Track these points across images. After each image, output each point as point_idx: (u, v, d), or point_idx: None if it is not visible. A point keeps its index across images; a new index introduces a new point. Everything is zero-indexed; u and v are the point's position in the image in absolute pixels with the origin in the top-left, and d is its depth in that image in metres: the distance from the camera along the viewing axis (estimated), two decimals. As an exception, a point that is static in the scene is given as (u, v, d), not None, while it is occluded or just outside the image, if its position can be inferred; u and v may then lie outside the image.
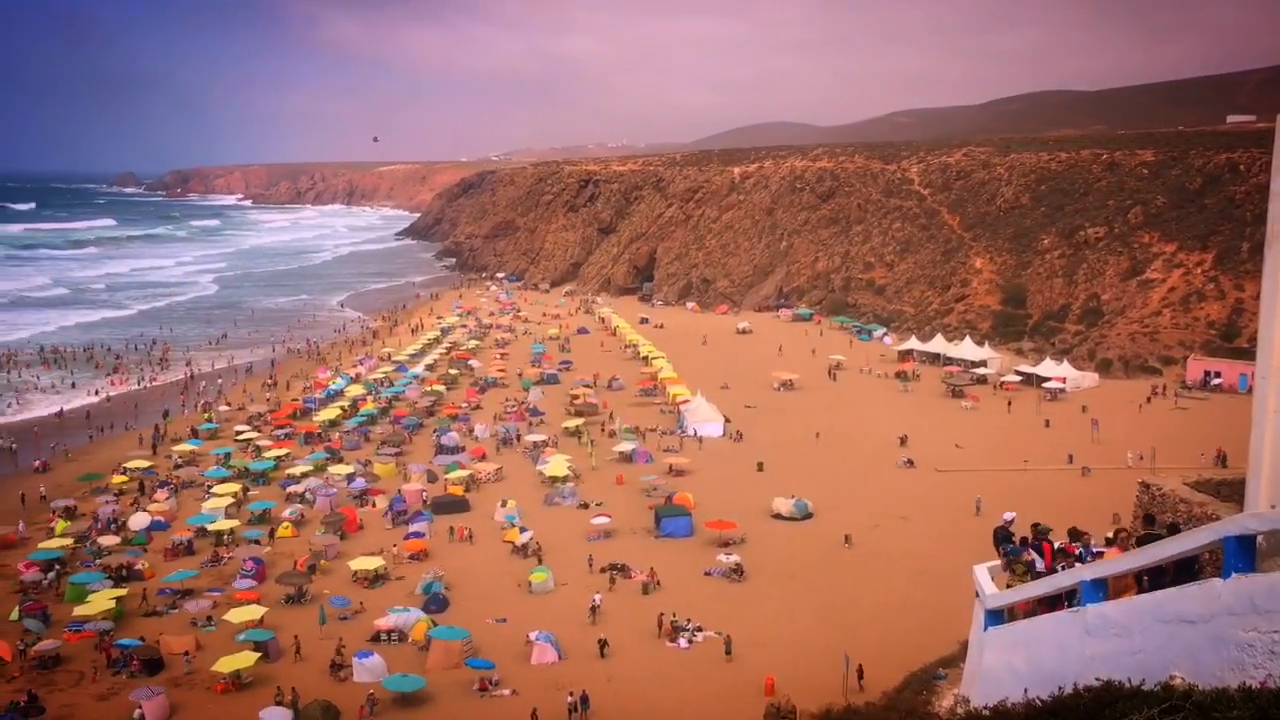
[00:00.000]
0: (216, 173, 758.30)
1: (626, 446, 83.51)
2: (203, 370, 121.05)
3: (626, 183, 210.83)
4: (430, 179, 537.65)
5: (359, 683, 46.62)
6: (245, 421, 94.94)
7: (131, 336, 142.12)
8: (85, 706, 45.57)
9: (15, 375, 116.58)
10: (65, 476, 79.77)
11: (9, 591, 58.00)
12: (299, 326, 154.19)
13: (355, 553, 62.01)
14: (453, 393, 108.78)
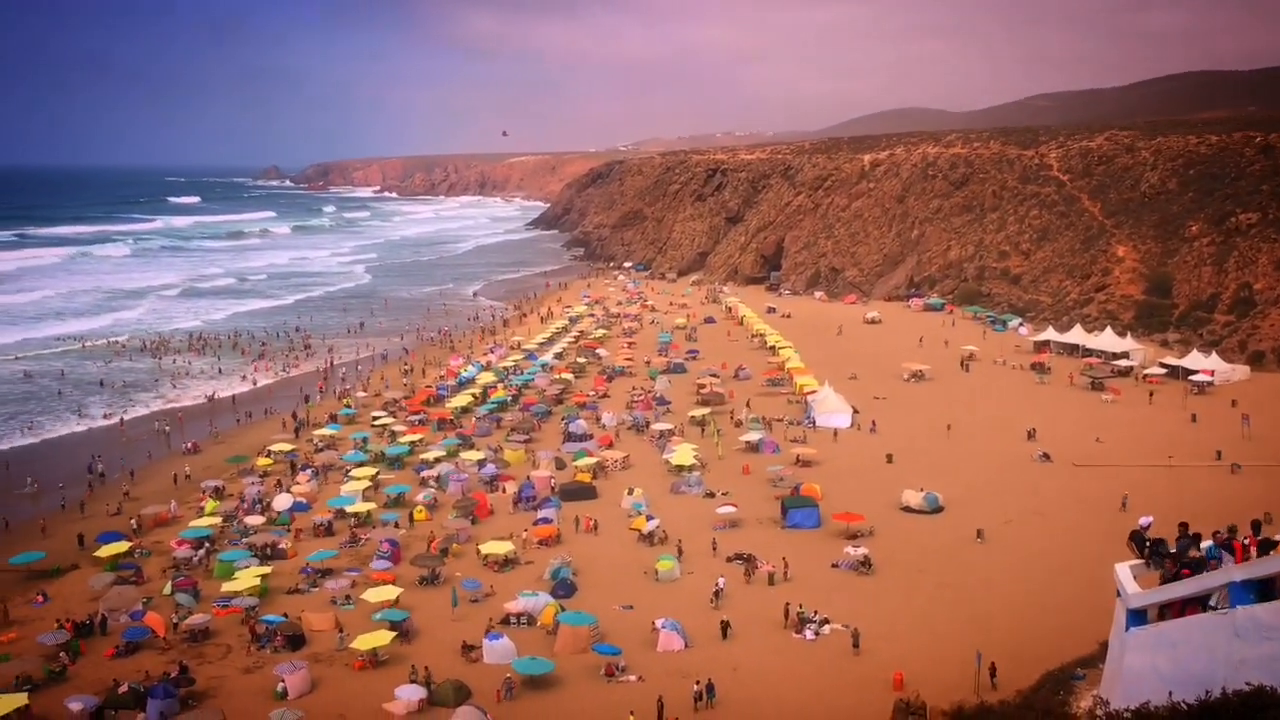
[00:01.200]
0: (355, 165, 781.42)
1: (753, 436, 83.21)
2: (342, 357, 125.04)
3: (754, 171, 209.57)
4: (559, 169, 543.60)
5: (489, 664, 47.66)
6: (381, 407, 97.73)
7: (275, 324, 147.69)
8: (232, 678, 47.67)
9: (168, 361, 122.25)
10: (215, 458, 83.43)
11: (163, 567, 61.02)
12: (434, 315, 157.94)
13: (486, 537, 63.33)
14: (581, 381, 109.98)
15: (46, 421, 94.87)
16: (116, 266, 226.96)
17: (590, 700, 44.47)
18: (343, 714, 43.75)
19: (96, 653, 50.39)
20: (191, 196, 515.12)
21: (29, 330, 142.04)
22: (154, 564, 61.53)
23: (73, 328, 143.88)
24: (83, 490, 75.65)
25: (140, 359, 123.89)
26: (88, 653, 50.35)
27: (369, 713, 43.74)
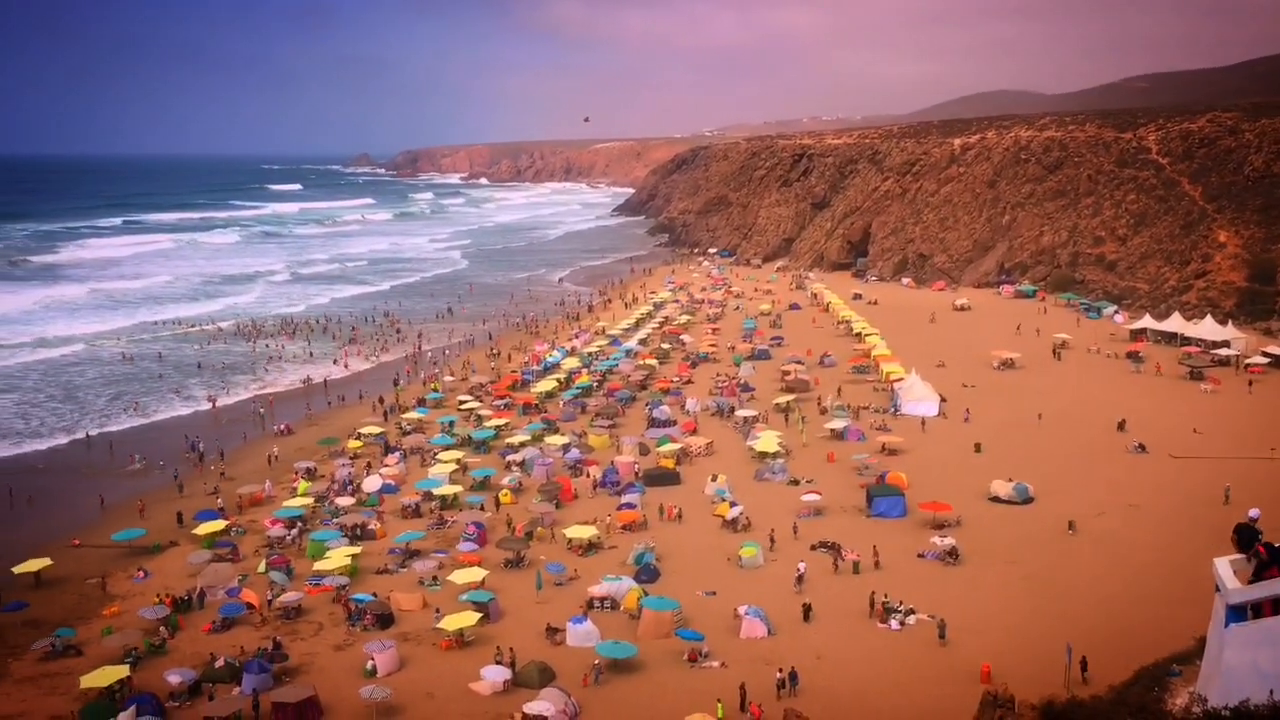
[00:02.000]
0: (443, 152, 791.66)
1: (838, 424, 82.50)
2: (431, 342, 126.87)
3: (841, 156, 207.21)
4: (645, 155, 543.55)
5: (573, 647, 48.08)
6: (468, 392, 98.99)
7: (371, 310, 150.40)
8: (324, 655, 48.80)
9: (262, 345, 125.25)
10: (307, 440, 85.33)
11: (258, 545, 62.65)
12: (520, 300, 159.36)
13: (570, 521, 63.81)
14: (665, 367, 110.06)
15: (151, 403, 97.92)
16: (224, 253, 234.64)
17: (673, 685, 44.59)
18: (430, 692, 44.52)
19: (194, 627, 51.98)
20: (293, 184, 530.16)
21: (140, 314, 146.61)
22: (249, 542, 63.22)
23: (183, 312, 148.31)
24: (182, 469, 77.97)
25: (235, 342, 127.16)
26: (186, 627, 51.95)
27: (455, 692, 44.45)
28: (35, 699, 45.38)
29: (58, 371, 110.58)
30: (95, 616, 53.31)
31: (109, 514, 68.70)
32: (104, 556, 61.29)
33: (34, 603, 54.49)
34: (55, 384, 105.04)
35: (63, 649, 49.36)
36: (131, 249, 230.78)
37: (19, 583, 57.10)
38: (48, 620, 52.74)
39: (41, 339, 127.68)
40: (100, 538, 63.76)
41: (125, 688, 44.98)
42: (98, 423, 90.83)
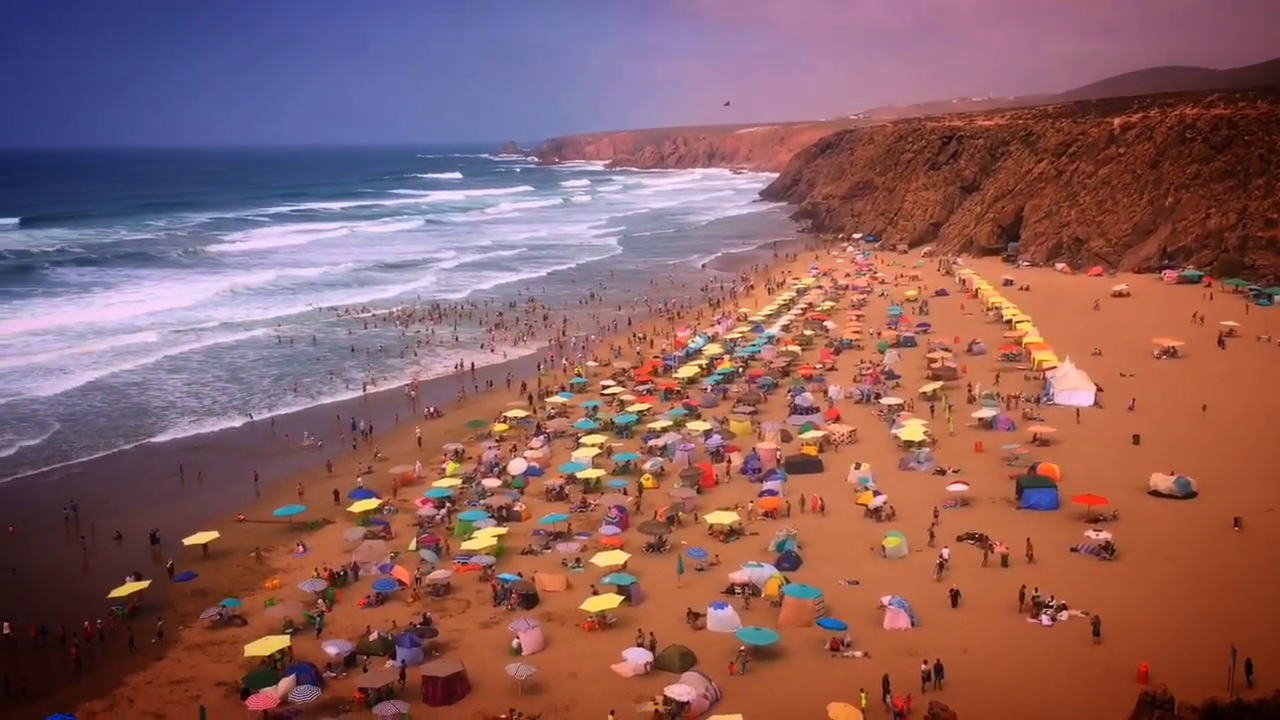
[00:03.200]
0: (587, 139, 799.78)
1: (987, 413, 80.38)
2: (575, 328, 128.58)
3: (992, 138, 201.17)
4: (788, 140, 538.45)
5: (713, 632, 48.21)
6: (611, 377, 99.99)
7: (523, 295, 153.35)
8: (471, 632, 50.12)
9: (411, 330, 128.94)
10: (455, 422, 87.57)
11: (408, 524, 64.66)
12: (663, 287, 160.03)
13: (711, 507, 63.90)
14: (808, 353, 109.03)
15: (312, 384, 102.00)
16: (391, 240, 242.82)
17: (815, 673, 44.30)
18: (573, 672, 45.27)
19: (350, 601, 54.02)
20: (452, 173, 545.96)
21: (309, 300, 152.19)
22: (401, 521, 65.30)
23: (352, 298, 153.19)
24: (336, 449, 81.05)
25: (386, 327, 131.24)
26: (342, 601, 54.03)
27: (597, 673, 45.11)
28: (204, 665, 47.92)
29: (230, 354, 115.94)
30: (258, 588, 55.92)
31: (267, 491, 71.82)
32: (266, 531, 64.21)
33: (202, 574, 57.52)
34: (221, 365, 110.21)
35: (228, 618, 51.97)
36: (303, 237, 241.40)
37: (189, 554, 60.30)
38: (215, 590, 55.60)
39: (227, 323, 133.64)
40: (262, 513, 66.81)
41: (286, 657, 47.08)
42: (266, 404, 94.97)
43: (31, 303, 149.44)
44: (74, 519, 66.10)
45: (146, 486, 73.44)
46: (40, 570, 58.84)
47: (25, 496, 71.50)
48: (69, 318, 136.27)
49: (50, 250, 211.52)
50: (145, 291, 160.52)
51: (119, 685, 46.23)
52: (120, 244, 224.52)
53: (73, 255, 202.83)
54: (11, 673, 46.78)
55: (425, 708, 42.67)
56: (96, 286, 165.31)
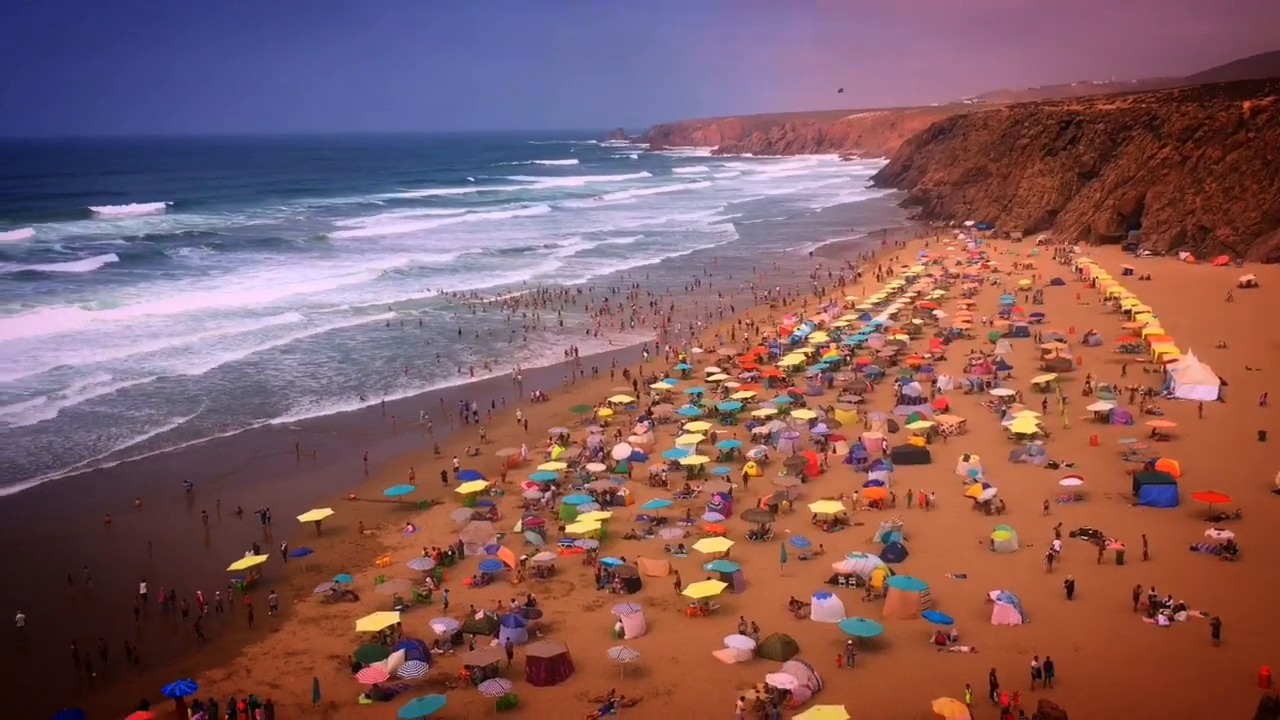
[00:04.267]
0: (694, 125, 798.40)
1: (1103, 406, 78.08)
2: (680, 314, 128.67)
3: (1113, 122, 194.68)
4: (899, 125, 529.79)
5: (816, 622, 47.89)
6: (715, 364, 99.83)
7: (634, 281, 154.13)
8: (574, 614, 50.65)
9: (518, 315, 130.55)
10: (561, 407, 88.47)
11: (514, 506, 65.59)
12: (769, 273, 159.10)
13: (815, 496, 63.42)
14: (916, 343, 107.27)
15: (424, 367, 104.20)
16: (512, 226, 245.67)
17: (919, 667, 43.67)
18: (675, 657, 45.44)
19: (457, 580, 55.05)
20: (569, 159, 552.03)
21: (431, 285, 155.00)
22: (507, 503, 66.25)
23: (472, 284, 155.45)
24: (444, 431, 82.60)
25: (495, 311, 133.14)
26: (449, 580, 55.10)
27: (699, 659, 45.19)
28: (318, 638, 49.38)
29: (347, 337, 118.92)
30: (369, 565, 57.37)
31: (377, 471, 73.50)
32: (377, 510, 65.79)
33: (316, 550, 59.20)
34: (337, 348, 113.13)
35: (341, 594, 53.43)
36: (419, 223, 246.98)
37: (304, 531, 62.17)
38: (328, 567, 57.21)
39: (346, 307, 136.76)
40: (373, 493, 68.46)
41: (395, 633, 48.24)
42: (380, 386, 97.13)
43: (168, 285, 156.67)
44: (191, 494, 68.77)
45: (266, 464, 75.90)
46: (165, 542, 61.18)
47: (154, 470, 74.43)
48: (209, 301, 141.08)
49: (195, 233, 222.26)
50: (269, 275, 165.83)
51: (237, 655, 47.95)
52: (249, 229, 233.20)
53: (212, 240, 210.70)
54: (137, 640, 48.88)
55: (529, 687, 43.30)
56: (229, 270, 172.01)
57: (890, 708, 40.71)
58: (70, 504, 68.03)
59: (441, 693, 42.49)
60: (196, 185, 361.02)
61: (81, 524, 64.45)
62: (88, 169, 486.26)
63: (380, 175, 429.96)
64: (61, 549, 60.02)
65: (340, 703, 43.07)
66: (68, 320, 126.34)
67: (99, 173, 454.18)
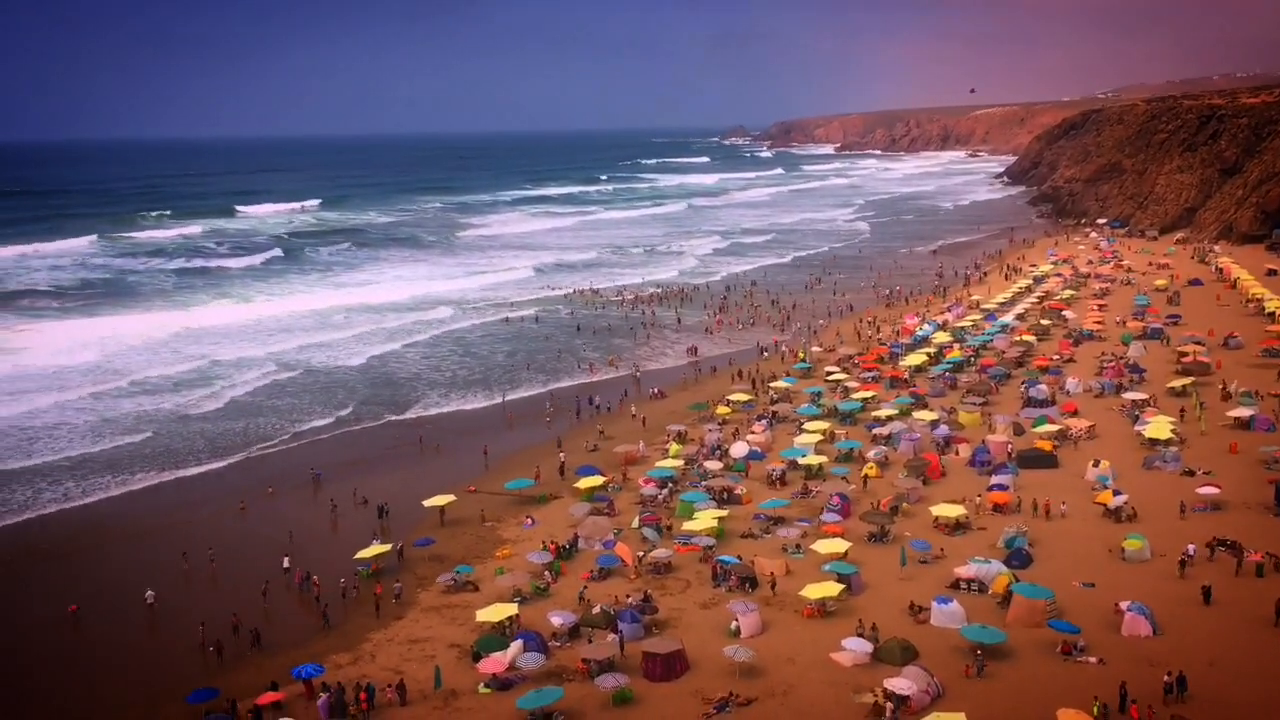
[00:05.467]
0: (816, 123, 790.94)
1: (1243, 411, 74.82)
2: (798, 313, 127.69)
3: (1258, 116, 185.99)
4: (1029, 121, 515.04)
5: (936, 626, 47.03)
6: (835, 363, 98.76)
7: (745, 280, 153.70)
8: (690, 612, 50.72)
9: (636, 312, 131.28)
10: (679, 404, 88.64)
11: (631, 502, 65.96)
12: (889, 272, 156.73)
13: (937, 498, 62.26)
14: (1044, 344, 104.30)
15: (546, 363, 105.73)
16: (643, 224, 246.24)
17: (1043, 677, 42.50)
18: (791, 658, 45.14)
19: (574, 574, 55.63)
20: (702, 157, 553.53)
21: (555, 283, 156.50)
22: (624, 499, 66.66)
23: (601, 282, 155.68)
24: (566, 425, 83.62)
25: (614, 309, 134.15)
26: (567, 573, 55.73)
27: (816, 660, 44.79)
28: (439, 627, 50.50)
29: (473, 334, 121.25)
30: (489, 557, 58.38)
31: (496, 465, 74.77)
32: (497, 503, 66.91)
33: (439, 540, 60.50)
34: (464, 344, 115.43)
35: (462, 584, 54.52)
36: (546, 221, 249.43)
37: (427, 521, 63.63)
38: (449, 557, 58.41)
39: (485, 304, 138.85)
40: (493, 485, 69.63)
41: (514, 624, 49.00)
42: (503, 381, 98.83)
43: (318, 280, 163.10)
44: (320, 483, 71.07)
45: (392, 456, 77.81)
46: (296, 529, 63.22)
47: (289, 460, 76.96)
48: (352, 297, 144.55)
49: (338, 230, 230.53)
50: (400, 273, 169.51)
51: (362, 641, 49.34)
52: (384, 227, 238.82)
53: (355, 237, 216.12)
54: (265, 623, 50.72)
55: (644, 683, 43.52)
56: (368, 267, 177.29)
57: (1012, 716, 39.75)
58: (212, 490, 70.97)
59: (559, 685, 43.00)
60: (335, 184, 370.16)
61: (220, 509, 67.20)
62: (230, 169, 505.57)
63: (506, 173, 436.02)
64: (199, 532, 62.46)
65: (460, 691, 43.96)
66: (233, 314, 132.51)
67: (243, 172, 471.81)
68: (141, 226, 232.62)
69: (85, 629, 51.83)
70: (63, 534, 63.65)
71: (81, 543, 62.20)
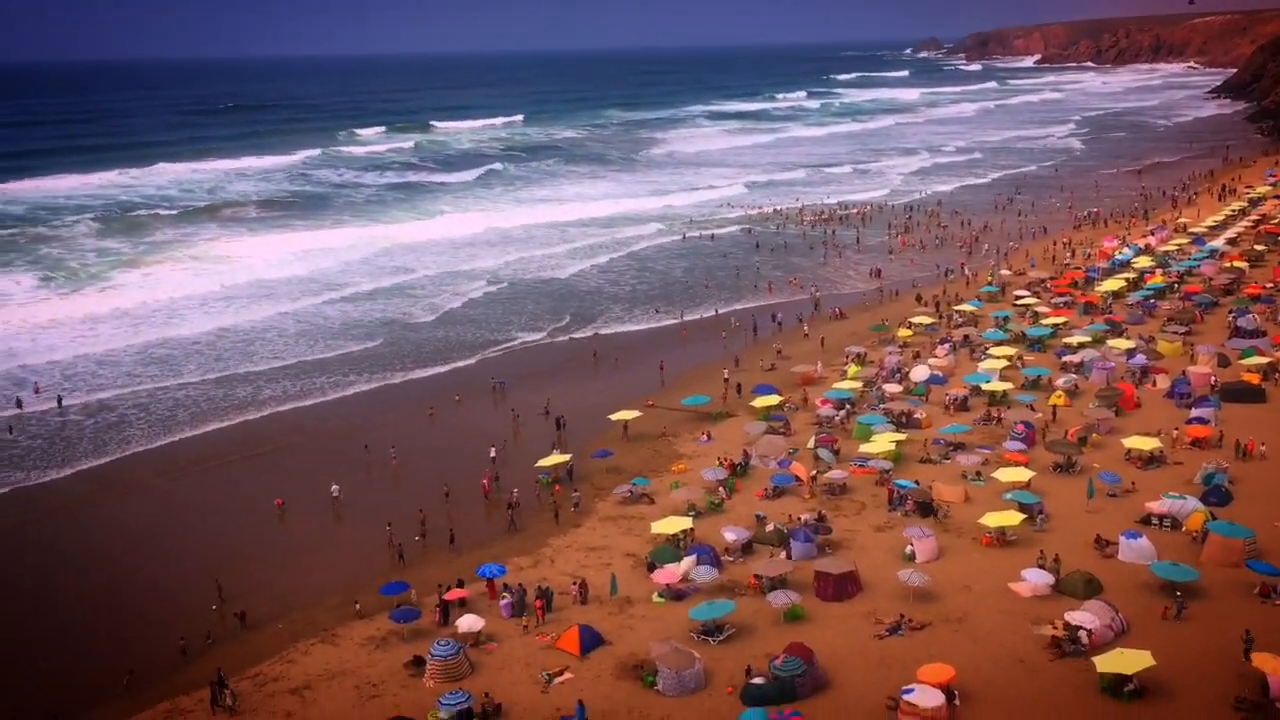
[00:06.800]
0: (1015, 34, 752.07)
1: None
2: (988, 233, 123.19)
3: None
4: (1252, 30, 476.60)
5: (1124, 562, 45.37)
6: (1025, 287, 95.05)
7: (932, 198, 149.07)
8: (864, 534, 50.41)
9: (816, 232, 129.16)
10: (859, 325, 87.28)
11: (807, 422, 65.60)
12: (1086, 192, 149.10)
13: (1130, 430, 59.59)
14: (1257, 271, 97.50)
15: (725, 279, 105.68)
16: (840, 140, 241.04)
17: (1238, 618, 40.25)
18: (968, 585, 44.40)
19: (748, 492, 55.95)
20: (901, 71, 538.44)
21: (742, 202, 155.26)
22: (800, 419, 66.34)
23: (797, 202, 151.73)
24: (742, 343, 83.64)
25: (794, 228, 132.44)
26: (741, 490, 56.11)
27: (993, 589, 43.94)
28: (615, 536, 51.78)
29: (655, 252, 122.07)
30: (665, 471, 59.27)
31: (673, 381, 75.47)
32: (673, 418, 67.63)
33: (617, 453, 61.69)
34: (644, 262, 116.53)
35: (638, 496, 55.62)
36: (735, 139, 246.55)
37: (608, 433, 64.92)
38: (626, 469, 59.58)
39: (690, 222, 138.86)
40: (669, 401, 70.34)
41: (688, 537, 49.77)
42: (679, 299, 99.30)
43: (524, 195, 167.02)
44: (504, 392, 73.32)
45: (572, 369, 79.65)
46: (480, 436, 65.55)
47: (478, 370, 79.72)
48: (548, 214, 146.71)
49: (547, 145, 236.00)
50: (584, 190, 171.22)
51: (542, 546, 51.09)
52: (578, 142, 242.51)
53: (556, 154, 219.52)
54: (450, 526, 53.05)
55: (816, 602, 43.62)
56: (558, 184, 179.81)
57: (1202, 656, 38.13)
58: (411, 395, 74.29)
59: (730, 598, 43.58)
60: (531, 100, 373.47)
61: (411, 413, 70.25)
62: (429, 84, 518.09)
63: (694, 89, 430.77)
64: (388, 435, 65.48)
65: (635, 599, 45.09)
66: (439, 228, 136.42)
67: (440, 87, 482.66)
68: (350, 142, 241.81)
69: (290, 521, 55.42)
70: (277, 430, 68.12)
71: (286, 441, 66.37)
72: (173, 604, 47.03)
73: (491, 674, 39.77)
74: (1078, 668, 37.58)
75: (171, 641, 43.33)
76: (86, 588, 49.36)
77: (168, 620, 45.33)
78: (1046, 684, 37.24)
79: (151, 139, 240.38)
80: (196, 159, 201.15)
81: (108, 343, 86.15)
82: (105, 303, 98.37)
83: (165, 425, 68.66)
